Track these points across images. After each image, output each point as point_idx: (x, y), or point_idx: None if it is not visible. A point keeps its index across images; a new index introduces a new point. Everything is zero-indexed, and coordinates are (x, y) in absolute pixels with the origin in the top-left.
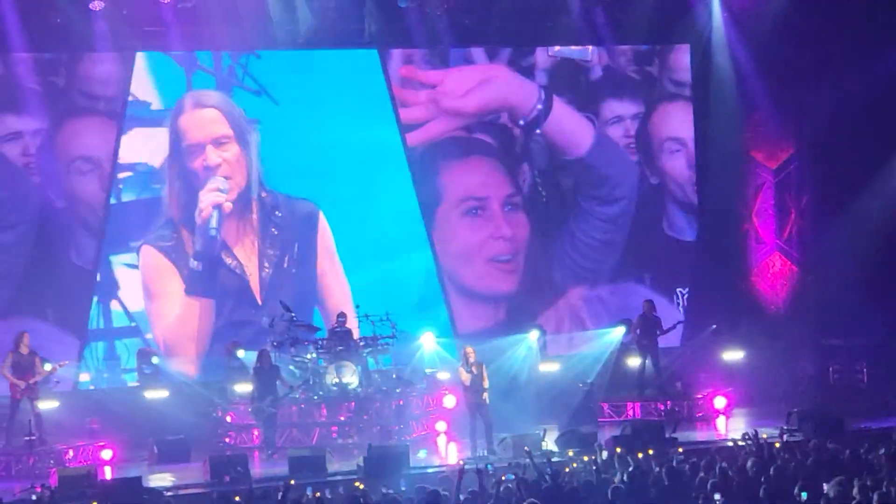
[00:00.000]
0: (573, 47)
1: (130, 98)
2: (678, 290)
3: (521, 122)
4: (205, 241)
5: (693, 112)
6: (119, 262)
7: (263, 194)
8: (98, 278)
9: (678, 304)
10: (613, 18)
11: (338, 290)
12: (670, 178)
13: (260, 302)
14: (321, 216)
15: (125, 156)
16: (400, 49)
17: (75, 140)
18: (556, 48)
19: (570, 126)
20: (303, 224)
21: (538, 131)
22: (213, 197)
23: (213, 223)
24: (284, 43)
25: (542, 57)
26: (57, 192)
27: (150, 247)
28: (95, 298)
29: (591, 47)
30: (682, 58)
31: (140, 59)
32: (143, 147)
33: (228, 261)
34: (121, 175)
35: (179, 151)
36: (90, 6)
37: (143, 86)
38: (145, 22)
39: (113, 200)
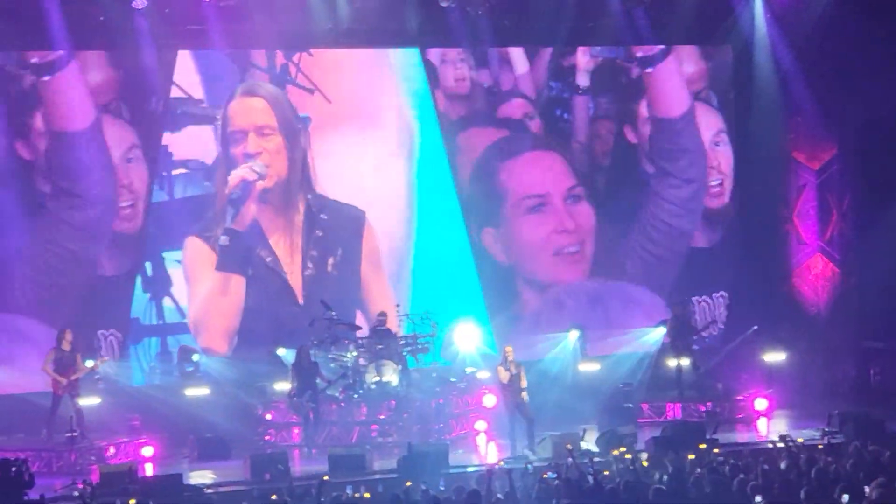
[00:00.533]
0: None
1: (184, 95)
2: (693, 297)
3: (638, 55)
4: (232, 213)
5: (735, 113)
6: (172, 258)
7: (310, 196)
8: (150, 273)
9: (694, 311)
10: (654, 19)
11: (380, 296)
12: None
13: (301, 301)
14: (367, 222)
15: (178, 153)
16: (439, 48)
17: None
18: (597, 48)
19: (675, 82)
20: (348, 228)
21: (649, 70)
22: (243, 172)
23: (237, 190)
24: (325, 41)
25: (583, 57)
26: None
27: (194, 237)
28: (148, 295)
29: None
30: (697, 60)
31: (194, 56)
32: (196, 144)
33: (265, 255)
34: (175, 172)
35: (226, 138)
36: (133, 4)
37: (196, 83)
38: (187, 20)
39: (165, 197)
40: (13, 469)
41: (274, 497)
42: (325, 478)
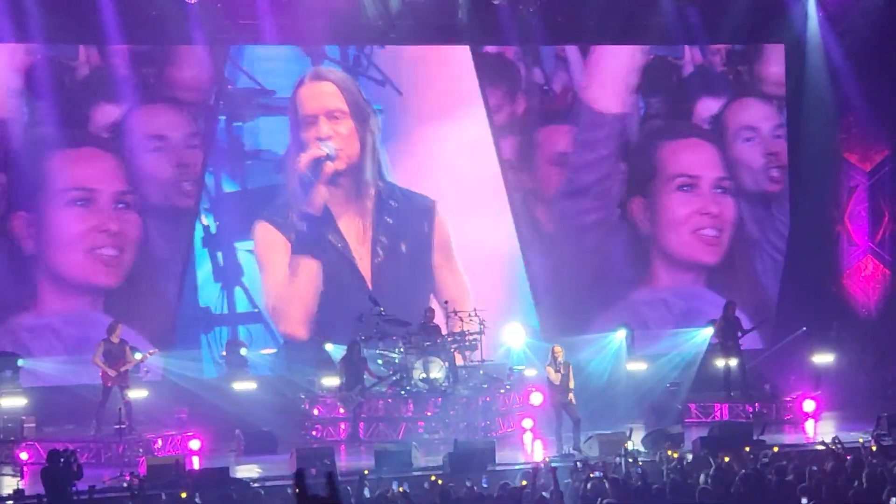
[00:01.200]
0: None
1: (256, 87)
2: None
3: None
4: (304, 196)
5: (787, 113)
6: (243, 248)
7: (380, 183)
8: (221, 262)
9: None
10: (707, 18)
11: (454, 286)
12: (744, 167)
13: (370, 287)
14: (438, 211)
15: (249, 143)
16: (493, 46)
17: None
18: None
19: None
20: (418, 216)
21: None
22: (315, 151)
23: (308, 171)
24: (377, 37)
25: (635, 55)
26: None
27: (263, 222)
28: (220, 284)
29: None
30: (770, 58)
31: (266, 47)
32: (268, 135)
33: (335, 241)
34: (247, 162)
35: (297, 123)
36: None
37: (268, 74)
38: (240, 15)
39: (237, 188)
40: (62, 460)
41: (297, 490)
42: (366, 472)
